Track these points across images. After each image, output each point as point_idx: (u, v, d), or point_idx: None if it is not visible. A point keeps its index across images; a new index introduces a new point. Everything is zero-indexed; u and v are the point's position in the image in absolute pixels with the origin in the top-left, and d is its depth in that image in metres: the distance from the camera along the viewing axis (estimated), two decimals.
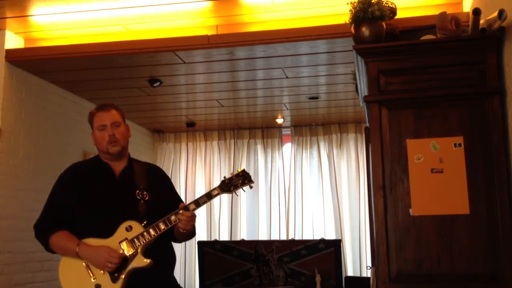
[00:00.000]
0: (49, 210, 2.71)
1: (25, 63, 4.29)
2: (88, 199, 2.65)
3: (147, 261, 2.53)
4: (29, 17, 3.93)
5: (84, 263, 2.56)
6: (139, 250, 2.54)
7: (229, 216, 6.71)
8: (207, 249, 5.26)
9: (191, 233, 2.74)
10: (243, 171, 2.71)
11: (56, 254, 2.70)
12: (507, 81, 2.41)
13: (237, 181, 2.68)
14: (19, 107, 4.36)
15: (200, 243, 5.34)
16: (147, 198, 2.65)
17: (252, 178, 2.74)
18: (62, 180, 2.77)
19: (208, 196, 2.64)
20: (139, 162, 2.86)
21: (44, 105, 4.70)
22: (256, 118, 6.42)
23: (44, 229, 2.67)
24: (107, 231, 2.57)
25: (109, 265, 2.50)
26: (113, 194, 2.67)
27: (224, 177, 2.70)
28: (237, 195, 2.77)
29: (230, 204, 6.67)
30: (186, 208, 2.59)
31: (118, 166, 2.75)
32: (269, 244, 5.26)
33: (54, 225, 2.64)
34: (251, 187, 2.72)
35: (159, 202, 2.67)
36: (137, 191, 2.66)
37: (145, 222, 2.58)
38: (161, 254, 2.64)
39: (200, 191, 6.86)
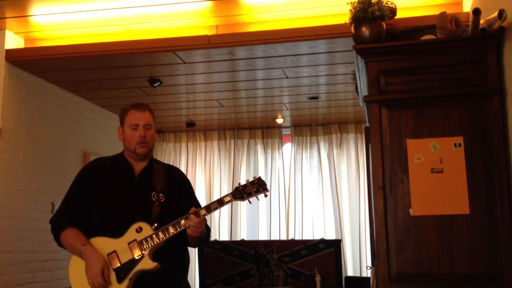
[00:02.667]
0: (64, 205, 2.73)
1: (25, 63, 4.29)
2: (104, 197, 2.66)
3: (154, 264, 2.52)
4: (29, 17, 3.94)
5: None
6: (146, 253, 2.53)
7: (229, 216, 6.71)
8: (207, 249, 5.26)
9: (204, 238, 2.71)
10: (259, 178, 2.66)
11: (58, 253, 2.71)
12: (507, 81, 2.41)
13: (251, 189, 2.62)
14: (19, 107, 4.36)
15: (201, 244, 5.34)
16: (162, 200, 2.64)
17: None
18: (81, 175, 2.78)
19: (220, 203, 2.60)
20: (160, 163, 2.84)
21: (44, 105, 4.70)
22: (256, 118, 6.42)
23: (57, 224, 2.68)
24: (118, 231, 2.57)
25: (90, 282, 2.49)
26: (128, 194, 2.66)
27: (239, 184, 2.66)
28: (250, 203, 2.71)
29: (231, 204, 6.66)
30: (197, 213, 2.56)
31: (139, 166, 2.74)
32: (269, 244, 5.26)
33: (67, 221, 2.65)
34: (266, 195, 2.66)
35: (175, 205, 2.65)
36: (153, 192, 2.65)
37: (155, 225, 2.57)
38: (172, 258, 2.63)
39: (200, 191, 6.87)
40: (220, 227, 6.71)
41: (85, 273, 2.54)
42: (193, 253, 6.37)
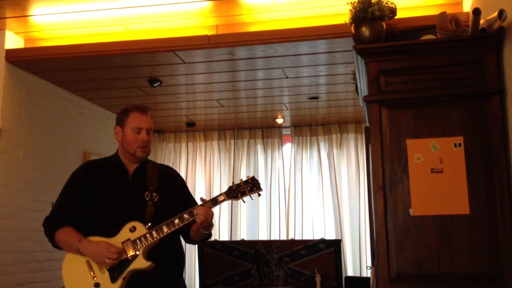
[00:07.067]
0: (58, 207, 2.72)
1: (25, 63, 4.29)
2: (97, 197, 2.66)
3: (147, 263, 2.52)
4: (29, 17, 3.94)
5: (86, 261, 2.56)
6: (140, 252, 2.53)
7: (229, 216, 6.71)
8: (207, 249, 5.26)
9: (208, 234, 2.71)
10: (252, 178, 2.66)
11: (58, 253, 2.71)
12: (507, 81, 2.42)
13: (245, 188, 2.63)
14: (19, 107, 4.36)
15: (200, 243, 5.34)
16: (155, 200, 2.64)
17: None
18: (74, 177, 2.78)
19: (214, 202, 2.60)
20: (153, 163, 2.84)
21: (44, 105, 4.70)
22: (256, 118, 6.42)
23: (51, 225, 2.67)
24: (112, 231, 2.57)
25: (107, 260, 2.50)
26: (122, 194, 2.67)
27: (233, 183, 2.66)
28: (244, 202, 2.72)
29: (230, 204, 6.67)
30: (191, 213, 2.56)
31: (133, 166, 2.74)
32: (269, 244, 5.26)
33: (61, 221, 2.65)
34: (259, 195, 2.66)
35: (168, 205, 2.65)
36: (147, 192, 2.66)
37: (149, 224, 2.57)
38: (166, 258, 2.63)
39: (200, 191, 6.87)
40: (220, 227, 6.71)
41: (78, 272, 2.55)
42: (193, 253, 6.38)
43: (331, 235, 6.26)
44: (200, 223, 2.54)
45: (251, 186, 2.64)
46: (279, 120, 6.42)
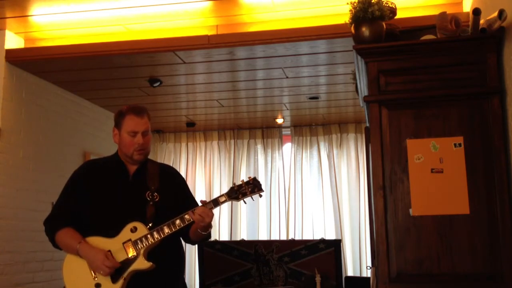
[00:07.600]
0: (59, 207, 2.72)
1: (25, 63, 4.29)
2: (98, 197, 2.65)
3: (148, 263, 2.52)
4: (29, 17, 3.94)
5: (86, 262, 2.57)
6: (141, 252, 2.53)
7: (229, 216, 6.71)
8: (207, 249, 5.26)
9: (207, 235, 2.71)
10: (254, 179, 2.66)
11: (58, 253, 2.71)
12: (507, 81, 2.42)
13: (246, 189, 2.63)
14: (19, 107, 4.36)
15: (200, 243, 5.33)
16: (156, 200, 2.64)
17: None
18: (74, 177, 2.78)
19: (215, 203, 2.61)
20: (154, 163, 2.84)
21: (44, 105, 4.70)
22: (256, 118, 6.42)
23: (51, 225, 2.67)
24: (113, 231, 2.57)
25: (101, 272, 2.50)
26: (123, 195, 2.66)
27: (234, 184, 2.66)
28: (245, 203, 2.73)
29: (230, 204, 6.67)
30: (192, 213, 2.56)
31: (133, 166, 2.74)
32: (269, 244, 5.25)
33: (62, 221, 2.65)
34: (260, 196, 2.66)
35: (169, 205, 2.65)
36: (148, 192, 2.65)
37: (150, 225, 2.57)
38: (167, 258, 2.63)
39: (200, 191, 6.87)
40: (220, 227, 6.71)
41: (79, 272, 2.55)
42: (193, 253, 6.38)
43: (331, 235, 6.26)
44: (197, 222, 2.55)
45: (252, 187, 2.64)
46: (279, 120, 6.42)
